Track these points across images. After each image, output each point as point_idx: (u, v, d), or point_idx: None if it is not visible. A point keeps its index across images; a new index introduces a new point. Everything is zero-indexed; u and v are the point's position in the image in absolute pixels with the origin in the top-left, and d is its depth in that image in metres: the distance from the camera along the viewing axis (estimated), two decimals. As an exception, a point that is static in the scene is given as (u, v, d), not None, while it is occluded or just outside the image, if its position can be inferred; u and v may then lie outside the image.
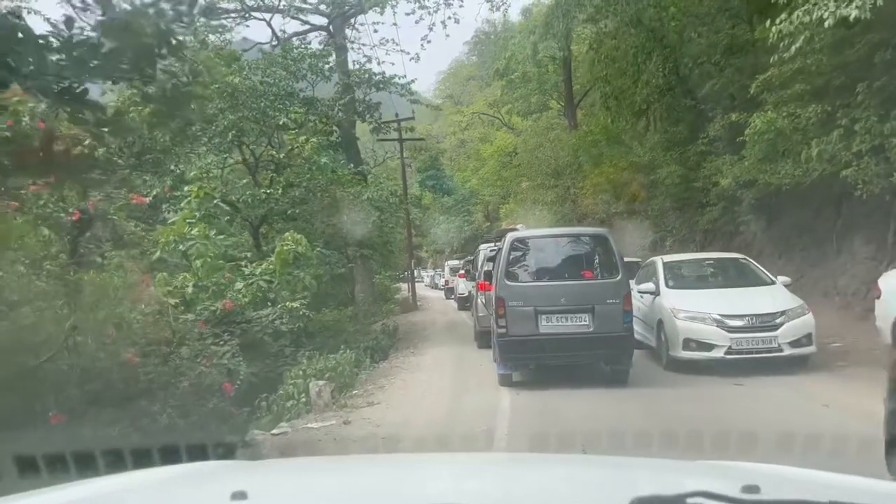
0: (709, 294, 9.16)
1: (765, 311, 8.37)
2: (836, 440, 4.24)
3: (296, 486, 1.67)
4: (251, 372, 9.97)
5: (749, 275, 9.55)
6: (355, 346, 12.64)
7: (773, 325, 8.16)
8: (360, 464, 2.42)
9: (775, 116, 10.12)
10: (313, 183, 12.67)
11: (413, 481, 1.69)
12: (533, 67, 33.00)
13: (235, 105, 12.91)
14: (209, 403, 8.45)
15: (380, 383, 8.85)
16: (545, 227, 12.94)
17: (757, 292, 8.89)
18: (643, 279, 9.99)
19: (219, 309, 9.29)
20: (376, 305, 22.14)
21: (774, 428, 4.85)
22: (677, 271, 9.86)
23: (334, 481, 1.73)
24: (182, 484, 1.76)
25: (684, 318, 8.44)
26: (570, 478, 1.74)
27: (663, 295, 9.12)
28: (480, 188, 47.96)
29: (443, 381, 8.85)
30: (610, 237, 8.24)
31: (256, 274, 10.04)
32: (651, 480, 1.70)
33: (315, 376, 7.99)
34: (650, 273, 10.02)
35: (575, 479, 1.71)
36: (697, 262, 10.80)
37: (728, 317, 8.28)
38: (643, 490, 1.35)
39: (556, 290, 7.93)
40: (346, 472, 1.90)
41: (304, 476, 1.88)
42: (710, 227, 16.83)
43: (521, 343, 7.88)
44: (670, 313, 8.62)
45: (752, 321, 8.24)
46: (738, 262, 10.14)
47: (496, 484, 1.72)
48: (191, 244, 8.95)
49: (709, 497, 1.15)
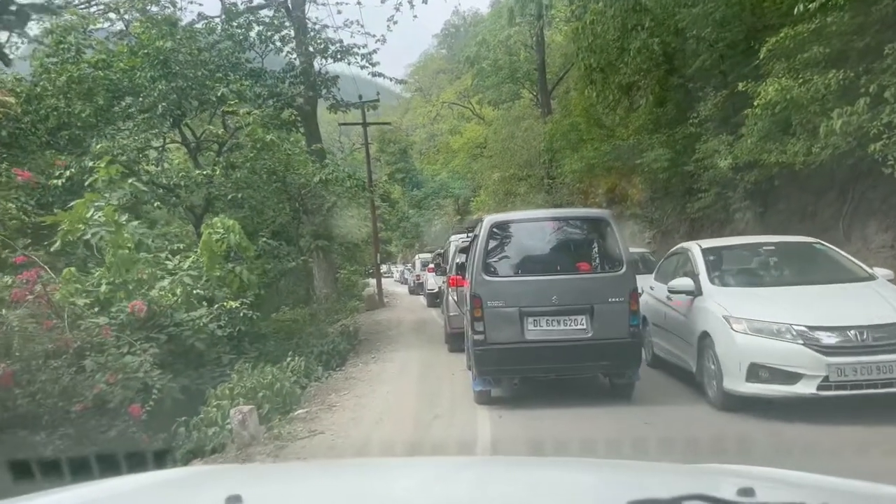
0: (781, 295, 6.12)
1: (880, 320, 5.43)
2: None
3: (291, 491, 1.66)
4: (176, 386, 8.34)
5: (833, 266, 6.65)
6: (308, 351, 11.03)
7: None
8: (356, 468, 2.28)
9: (791, 84, 8.76)
10: (259, 164, 10.96)
11: (407, 485, 1.70)
12: (505, 55, 31.76)
13: (168, 74, 11.13)
14: (112, 430, 6.82)
15: (330, 400, 7.25)
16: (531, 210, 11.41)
17: (854, 292, 6.05)
18: (668, 274, 7.57)
19: (135, 311, 7.62)
20: (340, 303, 20.56)
21: None
22: (726, 262, 7.07)
23: (329, 485, 1.72)
24: (177, 488, 1.76)
25: (747, 330, 5.67)
26: (564, 481, 1.70)
27: (708, 296, 6.36)
28: (451, 181, 46.88)
29: (407, 397, 7.29)
30: (612, 221, 6.69)
31: (183, 269, 8.35)
32: (646, 483, 1.64)
33: (244, 396, 6.35)
34: (680, 265, 7.48)
35: (570, 482, 1.69)
36: (752, 248, 7.47)
37: (820, 329, 5.41)
38: (638, 493, 1.26)
39: (545, 287, 6.43)
40: (341, 476, 1.87)
41: (299, 480, 1.86)
42: (698, 216, 15.56)
43: (503, 353, 6.36)
44: (723, 323, 5.86)
45: (861, 336, 5.34)
46: (813, 249, 7.11)
47: (491, 487, 1.69)
48: (94, 232, 7.22)
49: (704, 500, 1.16)
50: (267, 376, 6.77)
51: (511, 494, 1.56)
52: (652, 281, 8.13)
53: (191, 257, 8.29)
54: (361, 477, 1.86)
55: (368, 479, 1.82)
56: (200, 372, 9.11)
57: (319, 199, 11.39)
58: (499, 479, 1.77)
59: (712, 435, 5.17)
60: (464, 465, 2.32)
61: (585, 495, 1.58)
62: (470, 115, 46.68)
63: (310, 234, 11.92)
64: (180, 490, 1.72)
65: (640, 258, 10.58)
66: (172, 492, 1.70)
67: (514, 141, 28.23)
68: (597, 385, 6.96)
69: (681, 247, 7.99)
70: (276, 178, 11.05)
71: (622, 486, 1.59)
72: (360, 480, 1.79)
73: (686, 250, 7.48)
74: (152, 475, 2.03)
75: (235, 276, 8.35)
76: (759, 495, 1.26)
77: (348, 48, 13.98)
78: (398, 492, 1.63)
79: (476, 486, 1.72)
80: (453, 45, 58.96)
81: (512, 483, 1.68)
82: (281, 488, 1.66)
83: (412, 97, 61.95)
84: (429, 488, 1.67)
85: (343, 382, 8.37)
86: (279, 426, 5.85)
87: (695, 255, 7.01)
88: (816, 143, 8.98)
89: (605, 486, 1.63)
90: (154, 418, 7.24)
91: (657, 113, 15.79)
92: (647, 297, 7.85)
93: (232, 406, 6.19)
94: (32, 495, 1.61)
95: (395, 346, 11.93)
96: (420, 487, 1.67)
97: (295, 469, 2.52)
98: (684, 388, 6.85)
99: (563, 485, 1.65)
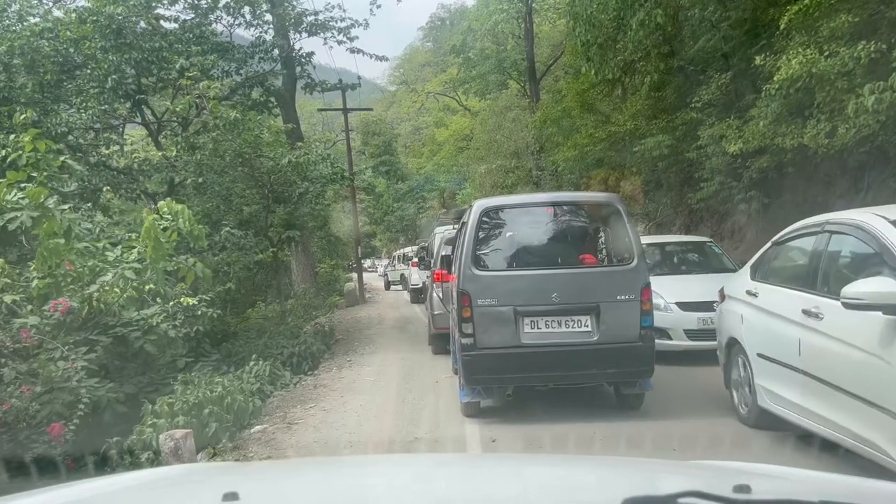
0: None
1: None
2: None
3: (287, 488, 1.63)
4: (120, 395, 7.28)
5: None
6: (277, 353, 9.99)
7: None
8: (354, 464, 2.31)
9: (815, 56, 7.83)
10: (224, 145, 9.85)
11: (404, 481, 1.68)
12: (492, 44, 30.80)
13: (122, 45, 9.99)
14: (29, 453, 5.79)
15: (292, 416, 6.21)
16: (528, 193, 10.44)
17: None
18: (800, 272, 4.70)
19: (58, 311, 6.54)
20: (318, 299, 19.47)
21: None
22: None
23: (326, 482, 1.69)
24: (174, 485, 1.74)
25: None
26: (561, 477, 1.67)
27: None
28: (436, 174, 46.05)
29: (383, 411, 6.27)
30: (621, 206, 5.69)
31: (129, 261, 7.27)
32: (643, 480, 1.63)
33: (186, 413, 5.30)
34: (831, 257, 4.40)
35: (567, 479, 1.66)
36: None
37: None
38: (635, 490, 1.28)
39: (544, 282, 5.45)
40: (338, 473, 1.85)
41: (296, 477, 1.82)
42: (697, 207, 14.69)
43: (495, 359, 5.38)
44: None
45: None
46: None
47: (489, 483, 1.64)
48: (12, 217, 6.12)
49: (700, 497, 1.13)
50: (216, 388, 5.71)
51: (508, 491, 1.56)
52: (749, 281, 5.24)
53: (136, 248, 7.21)
54: (358, 474, 1.84)
55: (365, 475, 1.80)
56: (151, 378, 8.09)
57: (290, 185, 10.30)
58: (496, 476, 1.73)
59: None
60: (460, 461, 2.35)
61: (582, 492, 1.55)
62: (455, 107, 45.89)
63: (280, 223, 10.82)
64: (177, 487, 1.70)
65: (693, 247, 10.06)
66: (170, 489, 1.69)
67: (501, 132, 27.42)
68: (603, 393, 6.01)
69: (844, 220, 4.34)
70: (241, 162, 9.95)
71: (619, 483, 1.57)
72: (357, 477, 1.77)
73: (864, 226, 4.03)
74: (150, 472, 2.02)
75: (189, 270, 7.28)
76: (755, 492, 1.24)
77: (324, 22, 12.87)
78: (395, 488, 1.62)
79: (472, 482, 1.65)
80: (439, 38, 58.14)
81: (509, 480, 1.67)
82: (278, 485, 1.64)
83: (397, 90, 61.26)
84: (425, 484, 1.65)
85: (311, 391, 7.33)
86: (223, 453, 4.82)
87: (884, 235, 3.82)
88: (843, 123, 8.06)
89: (602, 483, 1.61)
90: (90, 435, 6.21)
91: (655, 97, 14.85)
92: (743, 310, 5.16)
93: (171, 424, 5.15)
94: (29, 492, 1.62)
95: (373, 346, 10.90)
96: (417, 484, 1.65)
97: (292, 466, 2.48)
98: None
99: (560, 482, 1.62)
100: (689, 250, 9.98)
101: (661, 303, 7.47)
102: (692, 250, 9.95)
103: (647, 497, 1.21)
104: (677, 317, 7.77)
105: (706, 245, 9.88)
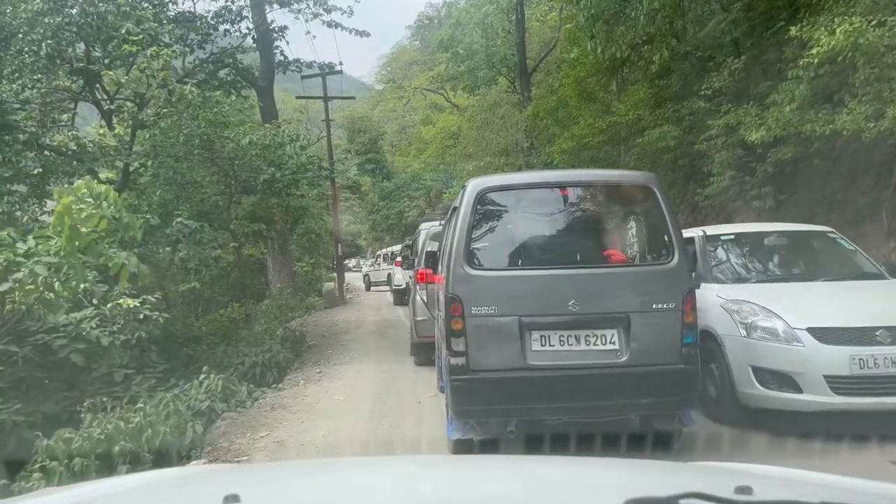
0: None
1: None
2: None
3: (288, 489, 1.61)
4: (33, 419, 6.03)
5: None
6: (238, 363, 8.74)
7: None
8: (355, 466, 2.21)
9: (861, 25, 6.71)
10: (178, 126, 8.56)
11: (408, 483, 1.66)
12: (481, 38, 29.76)
13: (59, 7, 8.67)
14: None
15: (238, 447, 4.95)
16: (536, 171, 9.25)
17: None
18: None
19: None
20: (295, 299, 18.20)
21: None
22: None
23: (328, 484, 1.67)
24: (175, 487, 1.73)
25: None
26: (562, 478, 1.65)
27: None
28: (423, 172, 45.03)
29: (350, 441, 5.02)
30: (658, 188, 4.49)
31: (48, 255, 5.98)
32: (644, 481, 1.61)
33: (87, 454, 4.03)
34: None
35: (568, 480, 1.65)
36: None
37: None
38: (636, 491, 1.22)
39: (558, 286, 4.25)
40: (340, 475, 1.82)
41: (297, 479, 1.79)
42: (704, 204, 13.61)
43: (494, 385, 4.18)
44: None
45: None
46: None
47: (491, 485, 1.61)
48: None
49: (701, 498, 1.13)
50: (133, 419, 4.44)
51: (507, 492, 1.54)
52: None
53: (53, 240, 5.93)
54: (363, 475, 1.81)
55: (368, 476, 1.78)
56: (81, 394, 6.83)
57: (256, 171, 9.03)
58: (500, 478, 1.69)
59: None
60: (460, 462, 2.35)
61: (583, 493, 1.51)
62: (443, 104, 44.86)
63: (244, 216, 9.54)
64: (178, 489, 1.69)
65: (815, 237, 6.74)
66: (170, 491, 1.67)
67: (490, 128, 26.38)
68: (626, 426, 4.81)
69: None
70: (200, 144, 8.67)
71: (620, 484, 1.55)
72: (359, 479, 1.74)
73: None
74: (151, 474, 2.00)
75: (121, 266, 6.00)
76: (756, 493, 1.24)
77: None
78: (398, 489, 1.59)
79: (478, 484, 1.60)
80: (427, 37, 57.22)
81: (508, 481, 1.66)
82: (279, 487, 1.61)
83: (384, 89, 60.38)
84: (428, 485, 1.62)
85: (267, 414, 6.07)
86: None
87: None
88: (893, 104, 6.96)
89: (603, 484, 1.59)
90: None
91: (659, 86, 13.76)
92: None
93: (67, 469, 3.88)
94: (31, 494, 1.66)
95: (348, 355, 9.65)
96: (419, 484, 1.62)
97: (293, 468, 2.26)
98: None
99: (560, 483, 1.59)
100: (804, 245, 6.74)
101: (780, 328, 4.90)
102: (808, 245, 6.74)
103: (648, 498, 1.16)
104: (812, 352, 4.76)
105: (829, 237, 6.55)
